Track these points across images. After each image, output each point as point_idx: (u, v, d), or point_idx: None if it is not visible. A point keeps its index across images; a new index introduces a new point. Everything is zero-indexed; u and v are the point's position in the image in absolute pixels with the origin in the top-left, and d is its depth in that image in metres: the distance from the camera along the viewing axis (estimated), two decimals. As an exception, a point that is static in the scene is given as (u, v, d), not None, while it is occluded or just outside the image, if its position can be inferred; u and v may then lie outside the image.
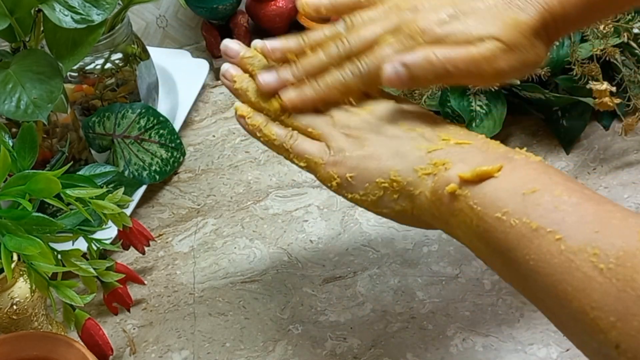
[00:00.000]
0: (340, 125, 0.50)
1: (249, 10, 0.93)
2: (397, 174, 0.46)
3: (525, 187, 0.41)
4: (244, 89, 0.53)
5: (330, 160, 0.49)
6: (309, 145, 0.50)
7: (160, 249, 0.72)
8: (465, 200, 0.43)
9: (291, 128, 0.52)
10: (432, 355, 0.60)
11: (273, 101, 0.52)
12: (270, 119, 0.52)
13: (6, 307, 0.56)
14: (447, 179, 0.44)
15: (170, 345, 0.63)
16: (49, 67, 0.60)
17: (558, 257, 0.37)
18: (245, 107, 0.53)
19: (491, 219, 0.41)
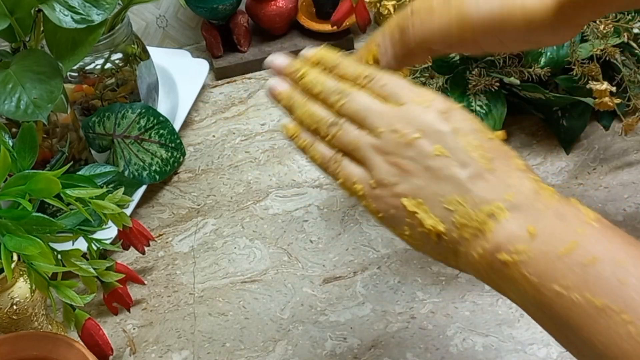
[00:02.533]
0: (385, 150, 0.42)
1: (249, 10, 0.93)
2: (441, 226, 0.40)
3: (585, 256, 0.36)
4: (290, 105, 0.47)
5: (370, 194, 0.43)
6: (352, 171, 0.44)
7: (160, 249, 0.72)
8: (518, 269, 0.38)
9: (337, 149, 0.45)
10: (432, 355, 0.60)
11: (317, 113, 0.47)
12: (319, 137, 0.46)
13: (6, 307, 0.56)
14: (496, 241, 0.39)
15: (170, 345, 0.63)
16: (49, 67, 0.60)
17: (629, 342, 0.34)
18: (293, 125, 0.47)
19: (549, 291, 0.37)
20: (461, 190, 0.40)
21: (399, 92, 0.43)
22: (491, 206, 0.39)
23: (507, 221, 0.39)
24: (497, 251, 0.39)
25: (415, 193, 0.41)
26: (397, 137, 0.41)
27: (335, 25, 0.89)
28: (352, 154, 0.44)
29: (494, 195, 0.40)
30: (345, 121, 0.44)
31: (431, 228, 0.40)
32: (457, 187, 0.40)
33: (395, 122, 0.42)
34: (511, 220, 0.39)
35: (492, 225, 0.39)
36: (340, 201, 0.74)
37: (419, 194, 0.41)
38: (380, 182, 0.42)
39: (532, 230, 0.38)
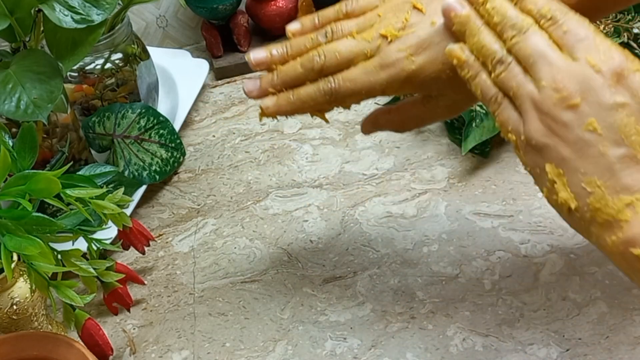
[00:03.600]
0: (544, 109, 0.40)
1: (249, 10, 0.93)
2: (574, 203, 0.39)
3: None
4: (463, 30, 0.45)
5: (521, 146, 0.41)
6: (509, 117, 0.42)
7: (160, 249, 0.72)
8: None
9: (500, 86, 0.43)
10: (432, 355, 0.60)
11: None
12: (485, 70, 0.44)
13: (6, 307, 0.56)
14: (632, 234, 0.37)
15: (170, 345, 0.63)
16: (49, 67, 0.60)
17: None
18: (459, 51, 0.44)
19: None
20: (605, 172, 0.38)
21: (576, 44, 0.40)
22: (633, 197, 0.37)
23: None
24: (632, 244, 0.37)
25: (559, 162, 0.39)
26: (556, 97, 0.39)
27: (335, 25, 0.89)
28: (513, 99, 0.42)
29: (638, 185, 0.37)
30: (513, 61, 0.42)
31: (563, 201, 0.39)
32: (602, 168, 0.38)
33: (560, 78, 0.39)
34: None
35: (629, 216, 0.37)
36: (340, 201, 0.74)
37: (562, 164, 0.39)
38: (530, 139, 0.40)
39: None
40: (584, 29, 0.40)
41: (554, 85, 0.39)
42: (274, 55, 0.53)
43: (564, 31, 0.40)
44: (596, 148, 0.38)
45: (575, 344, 0.60)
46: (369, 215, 0.72)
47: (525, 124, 0.41)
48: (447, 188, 0.74)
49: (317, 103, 0.52)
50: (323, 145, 0.81)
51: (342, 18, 0.52)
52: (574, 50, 0.40)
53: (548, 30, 0.41)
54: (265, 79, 0.54)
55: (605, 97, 0.38)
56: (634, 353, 0.59)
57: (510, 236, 0.69)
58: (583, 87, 0.39)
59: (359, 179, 0.76)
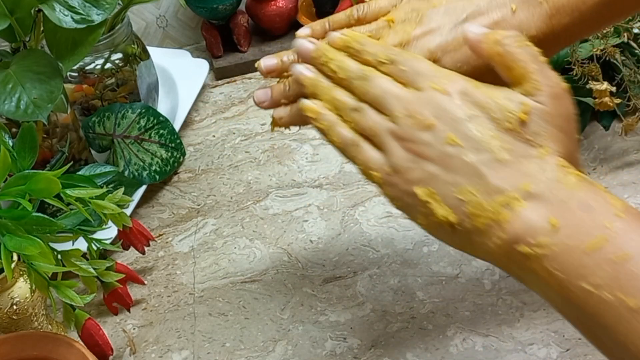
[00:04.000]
0: (403, 136, 0.42)
1: (249, 10, 0.93)
2: (453, 216, 0.40)
3: (615, 252, 0.35)
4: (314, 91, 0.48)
5: (386, 180, 0.43)
6: (370, 156, 0.44)
7: (160, 249, 0.72)
8: (540, 263, 0.37)
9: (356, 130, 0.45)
10: (432, 355, 0.60)
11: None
12: (341, 119, 0.46)
13: (6, 307, 0.56)
14: (514, 232, 0.38)
15: (170, 345, 0.63)
16: (49, 67, 0.60)
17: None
18: (314, 105, 0.47)
19: (576, 288, 0.36)
20: (474, 179, 0.39)
21: (417, 77, 0.42)
22: (505, 196, 0.38)
23: (524, 211, 0.38)
24: (516, 243, 0.38)
25: (428, 182, 0.40)
26: (413, 123, 0.41)
27: (335, 25, 0.89)
28: (372, 139, 0.43)
29: (508, 184, 0.38)
30: (367, 106, 0.44)
31: (443, 219, 0.40)
32: (470, 176, 0.39)
33: (412, 107, 0.41)
34: (529, 210, 0.38)
35: (507, 216, 0.38)
36: (340, 201, 0.74)
37: (431, 183, 0.40)
38: (395, 168, 0.42)
39: (554, 222, 0.37)
40: (421, 63, 0.43)
41: (407, 113, 0.41)
42: (285, 62, 0.53)
43: (402, 69, 0.43)
44: (460, 158, 0.39)
45: (575, 344, 0.60)
46: (369, 215, 0.72)
47: (388, 157, 0.42)
48: (447, 188, 0.74)
49: None
50: (323, 145, 0.81)
51: (353, 24, 0.52)
52: (416, 82, 0.42)
53: (389, 73, 0.44)
54: (277, 89, 0.53)
55: (457, 112, 0.40)
56: (634, 353, 0.59)
57: (510, 236, 0.68)
58: (434, 109, 0.41)
59: (359, 179, 0.76)
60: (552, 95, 0.40)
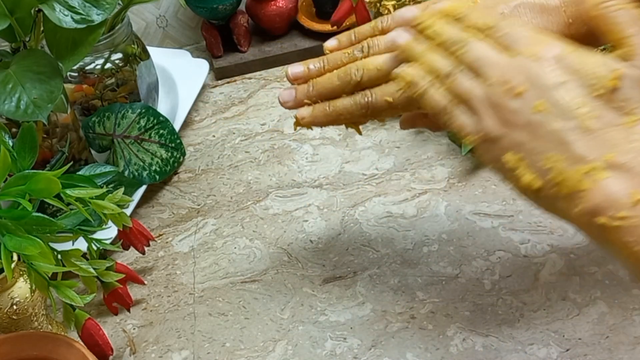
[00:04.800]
0: (494, 102, 0.42)
1: (249, 10, 0.93)
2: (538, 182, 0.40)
3: None
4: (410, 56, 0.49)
5: (480, 145, 0.43)
6: (463, 121, 0.44)
7: (160, 249, 0.72)
8: (618, 235, 0.37)
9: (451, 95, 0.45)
10: (432, 355, 0.60)
11: None
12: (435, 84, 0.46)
13: (6, 307, 0.56)
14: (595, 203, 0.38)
15: (170, 345, 0.63)
16: (49, 67, 0.60)
17: None
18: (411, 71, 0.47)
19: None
20: (559, 147, 0.39)
21: (515, 42, 0.42)
22: (589, 165, 0.38)
23: (606, 182, 0.37)
24: (595, 214, 0.38)
25: (517, 148, 0.41)
26: (505, 89, 0.41)
27: (335, 25, 0.89)
28: (465, 104, 0.44)
29: (593, 153, 0.38)
30: (461, 70, 0.44)
31: (528, 184, 0.40)
32: (556, 144, 0.39)
33: (505, 72, 0.42)
34: (612, 181, 0.37)
35: (589, 185, 0.38)
36: (340, 201, 0.74)
37: (519, 149, 0.41)
38: (487, 134, 0.42)
39: (636, 196, 0.37)
40: (519, 29, 0.43)
41: (500, 80, 0.42)
42: (311, 69, 0.54)
43: (501, 35, 0.43)
44: (547, 126, 0.40)
45: (575, 344, 0.60)
46: (369, 215, 0.72)
47: (481, 122, 0.43)
48: (447, 188, 0.74)
49: (352, 116, 0.53)
50: (323, 145, 0.81)
51: (377, 34, 0.53)
52: (513, 47, 0.42)
53: (489, 37, 0.44)
54: (301, 89, 0.54)
55: (547, 78, 0.40)
56: (633, 353, 0.59)
57: (510, 236, 0.69)
58: (526, 75, 0.41)
59: (359, 179, 0.76)
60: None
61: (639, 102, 0.39)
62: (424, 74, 0.47)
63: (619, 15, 0.41)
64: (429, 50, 0.47)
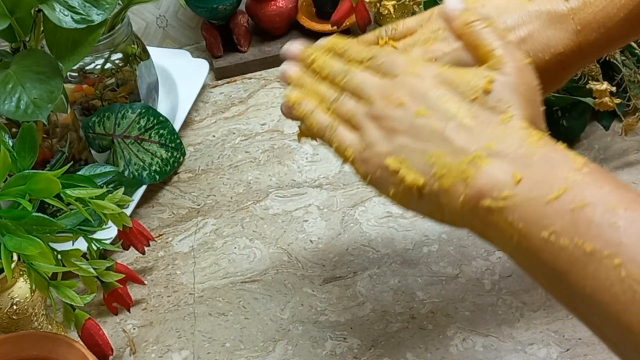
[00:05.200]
0: (377, 115, 0.45)
1: (249, 10, 0.93)
2: (421, 180, 0.42)
3: (574, 201, 0.36)
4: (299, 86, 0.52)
5: (359, 157, 0.46)
6: (346, 137, 0.47)
7: (160, 249, 0.72)
8: (503, 215, 0.38)
9: (335, 117, 0.48)
10: (432, 355, 0.60)
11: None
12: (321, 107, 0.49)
13: (6, 307, 0.56)
14: (478, 188, 0.39)
15: (170, 345, 0.63)
16: (49, 67, 0.60)
17: (619, 285, 0.33)
18: (296, 93, 0.50)
19: (536, 238, 0.37)
20: (441, 143, 0.41)
21: (393, 67, 0.46)
22: (470, 155, 0.40)
23: (488, 167, 0.39)
24: (480, 197, 0.39)
25: (399, 151, 0.43)
26: (386, 102, 0.44)
27: (335, 25, 0.89)
28: (349, 122, 0.47)
29: (474, 145, 0.40)
30: (345, 96, 0.47)
31: (412, 183, 0.42)
32: (437, 141, 0.41)
33: (386, 89, 0.45)
34: (493, 166, 0.39)
35: (472, 172, 0.40)
36: (340, 201, 0.74)
37: (402, 152, 0.43)
38: (369, 144, 0.45)
39: (517, 176, 0.38)
40: (398, 56, 0.47)
41: (382, 95, 0.45)
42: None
43: (381, 63, 0.47)
44: (428, 127, 0.42)
45: (575, 344, 0.60)
46: (369, 215, 0.72)
47: (363, 135, 0.45)
48: (447, 188, 0.74)
49: None
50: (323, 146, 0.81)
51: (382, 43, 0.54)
52: (392, 71, 0.46)
53: (369, 67, 0.47)
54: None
55: (427, 90, 0.43)
56: (634, 353, 0.59)
57: (510, 236, 0.68)
58: (407, 89, 0.44)
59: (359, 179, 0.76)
60: (515, 67, 0.43)
61: (510, 102, 0.41)
62: (312, 99, 0.50)
63: (485, 32, 0.44)
64: (314, 81, 0.50)
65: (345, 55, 0.50)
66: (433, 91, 0.43)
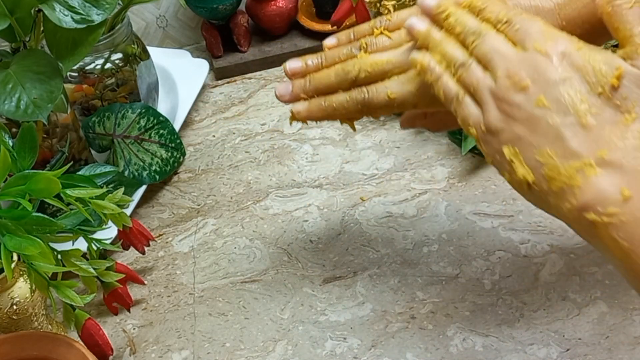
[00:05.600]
0: (499, 95, 0.43)
1: (249, 10, 0.93)
2: (531, 177, 0.41)
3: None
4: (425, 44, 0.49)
5: (481, 137, 0.44)
6: (469, 112, 0.45)
7: (160, 249, 0.72)
8: (607, 231, 0.37)
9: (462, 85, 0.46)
10: (432, 355, 0.60)
11: None
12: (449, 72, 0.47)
13: (6, 307, 0.56)
14: (585, 199, 0.38)
15: (170, 345, 0.63)
16: (49, 67, 0.60)
17: None
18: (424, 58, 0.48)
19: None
20: (555, 141, 0.40)
21: (526, 37, 0.43)
22: (581, 161, 0.39)
23: (597, 178, 0.38)
24: (586, 210, 0.38)
25: (515, 142, 0.42)
26: (509, 83, 0.42)
27: (335, 25, 0.89)
28: (474, 95, 0.45)
29: (586, 149, 0.39)
30: (473, 61, 0.45)
31: (522, 178, 0.41)
32: (552, 138, 0.40)
33: (513, 66, 0.42)
34: (602, 178, 0.38)
35: (580, 182, 0.38)
36: (340, 201, 0.74)
37: (517, 143, 0.41)
38: (489, 127, 0.43)
39: (625, 192, 0.37)
40: (534, 24, 0.43)
41: (507, 73, 0.42)
42: (309, 65, 0.55)
43: (516, 29, 0.44)
44: (545, 121, 0.40)
45: (575, 344, 0.60)
46: (369, 215, 0.72)
47: (484, 114, 0.43)
48: (447, 188, 0.74)
49: (348, 112, 0.53)
50: (323, 145, 0.81)
51: (377, 33, 0.54)
52: (524, 42, 0.43)
53: (504, 32, 0.44)
54: (298, 84, 0.55)
55: (551, 74, 0.41)
56: (633, 353, 0.59)
57: (510, 236, 0.69)
58: (532, 70, 0.41)
59: (359, 179, 0.76)
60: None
61: (636, 100, 0.39)
62: (438, 61, 0.47)
63: (630, 14, 0.41)
64: (445, 39, 0.47)
65: (483, 13, 0.46)
66: (557, 76, 0.40)
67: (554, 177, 0.40)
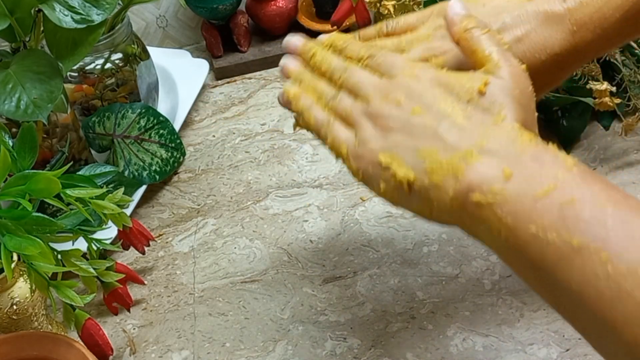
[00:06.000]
0: (373, 113, 0.45)
1: (249, 10, 0.93)
2: (412, 174, 0.42)
3: (563, 197, 0.36)
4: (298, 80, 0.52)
5: (353, 153, 0.46)
6: (341, 134, 0.47)
7: (160, 249, 0.72)
8: (492, 209, 0.38)
9: (331, 114, 0.49)
10: (432, 355, 0.60)
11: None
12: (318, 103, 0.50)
13: (6, 307, 0.56)
14: (468, 182, 0.39)
15: (170, 345, 0.63)
16: (49, 67, 0.60)
17: (605, 281, 0.34)
18: (295, 88, 0.50)
19: (524, 233, 0.37)
20: (433, 141, 0.42)
21: (392, 68, 0.46)
22: (463, 152, 0.40)
23: (479, 164, 0.40)
24: (470, 191, 0.39)
25: (392, 148, 0.43)
26: (384, 101, 0.45)
27: (335, 25, 0.89)
28: (345, 120, 0.47)
29: (466, 142, 0.41)
30: (343, 93, 0.48)
31: (402, 178, 0.42)
32: (430, 139, 0.42)
33: (385, 89, 0.45)
34: (484, 162, 0.40)
35: (463, 168, 0.40)
36: (340, 201, 0.74)
37: (394, 149, 0.43)
38: (363, 141, 0.45)
39: (507, 171, 0.39)
40: (396, 57, 0.47)
41: (380, 95, 0.45)
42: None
43: (379, 63, 0.47)
44: (422, 125, 0.43)
45: (575, 344, 0.60)
46: (369, 215, 0.72)
47: (359, 132, 0.45)
48: (447, 188, 0.74)
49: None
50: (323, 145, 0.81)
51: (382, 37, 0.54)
52: (391, 72, 0.46)
53: (368, 66, 0.48)
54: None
55: (423, 91, 0.44)
56: (634, 353, 0.59)
57: (510, 236, 0.68)
58: (404, 90, 0.45)
59: (359, 179, 0.76)
60: (511, 72, 0.43)
61: (503, 104, 0.42)
62: (310, 94, 0.50)
63: (484, 39, 0.45)
64: (314, 77, 0.50)
65: (344, 52, 0.50)
66: (429, 92, 0.44)
67: (435, 170, 0.41)
